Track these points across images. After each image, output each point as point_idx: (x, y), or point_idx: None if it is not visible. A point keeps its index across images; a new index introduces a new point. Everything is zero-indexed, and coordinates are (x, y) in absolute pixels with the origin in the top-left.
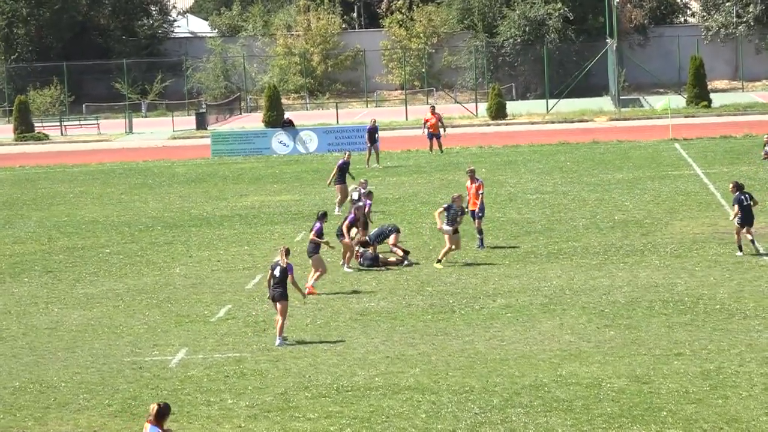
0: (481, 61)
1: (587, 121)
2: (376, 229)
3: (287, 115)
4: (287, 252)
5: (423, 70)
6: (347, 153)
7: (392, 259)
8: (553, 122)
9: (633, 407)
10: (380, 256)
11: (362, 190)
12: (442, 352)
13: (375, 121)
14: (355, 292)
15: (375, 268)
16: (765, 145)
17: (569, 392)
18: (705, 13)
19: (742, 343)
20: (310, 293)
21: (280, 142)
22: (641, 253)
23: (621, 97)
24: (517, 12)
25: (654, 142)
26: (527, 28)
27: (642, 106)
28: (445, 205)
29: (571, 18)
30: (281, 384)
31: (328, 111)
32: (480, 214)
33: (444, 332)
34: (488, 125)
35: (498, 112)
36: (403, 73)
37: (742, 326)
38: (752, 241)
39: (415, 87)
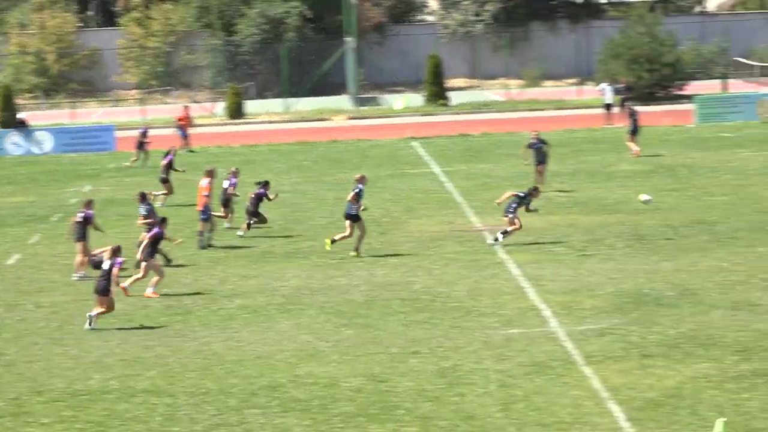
0: (219, 59)
1: (326, 119)
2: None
3: (20, 115)
4: (117, 250)
5: (160, 69)
6: (173, 149)
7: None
8: (291, 121)
9: (370, 406)
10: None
11: (234, 180)
12: (179, 354)
13: (146, 126)
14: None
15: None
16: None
17: (306, 392)
18: (443, 12)
19: (478, 340)
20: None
21: (14, 143)
22: (379, 251)
23: (359, 96)
24: (256, 10)
25: (392, 140)
26: (266, 27)
27: (380, 104)
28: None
29: (309, 16)
30: (13, 389)
31: (63, 111)
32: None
33: (180, 334)
34: (226, 125)
35: (236, 112)
36: (140, 72)
37: (479, 324)
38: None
39: (152, 86)
